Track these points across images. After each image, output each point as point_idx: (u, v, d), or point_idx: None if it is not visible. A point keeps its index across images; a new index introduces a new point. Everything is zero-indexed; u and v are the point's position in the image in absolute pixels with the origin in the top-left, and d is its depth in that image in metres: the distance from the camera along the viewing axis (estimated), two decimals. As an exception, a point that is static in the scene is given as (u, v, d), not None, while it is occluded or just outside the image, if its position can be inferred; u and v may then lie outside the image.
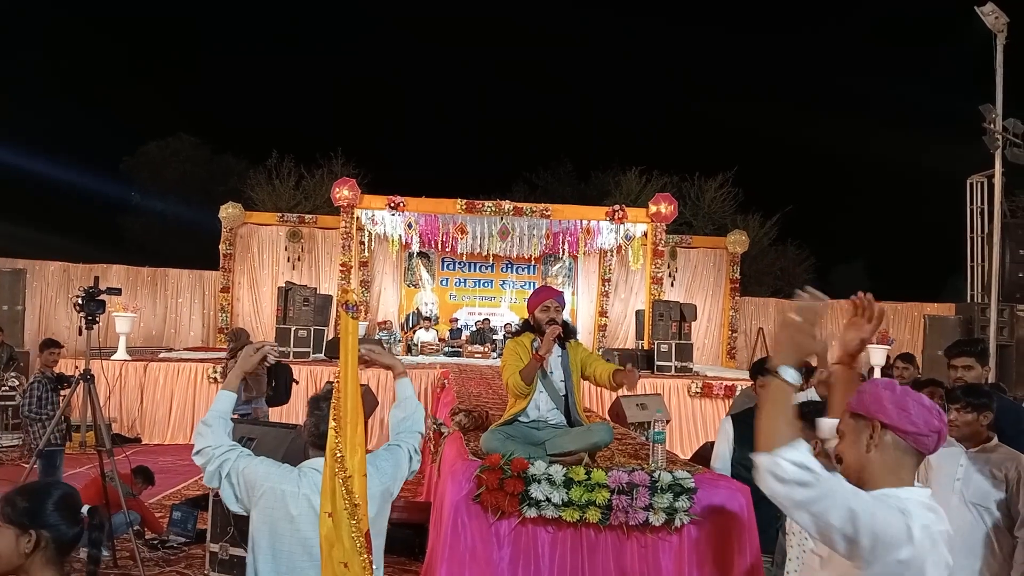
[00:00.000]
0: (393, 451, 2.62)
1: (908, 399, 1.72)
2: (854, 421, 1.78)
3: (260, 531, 2.36)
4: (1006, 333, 10.15)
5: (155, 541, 5.49)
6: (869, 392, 1.78)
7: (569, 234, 13.93)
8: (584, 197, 20.38)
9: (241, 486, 2.38)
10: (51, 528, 1.81)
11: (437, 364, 10.98)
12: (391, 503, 2.62)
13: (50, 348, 6.22)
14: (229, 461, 2.40)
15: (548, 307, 4.07)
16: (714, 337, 15.51)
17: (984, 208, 11.57)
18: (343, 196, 12.88)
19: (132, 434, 9.69)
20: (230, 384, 2.61)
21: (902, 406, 1.71)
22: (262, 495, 2.35)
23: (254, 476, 2.37)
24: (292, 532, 2.32)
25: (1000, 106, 9.11)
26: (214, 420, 2.48)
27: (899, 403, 1.72)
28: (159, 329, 14.53)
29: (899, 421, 1.70)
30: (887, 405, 1.72)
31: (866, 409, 1.75)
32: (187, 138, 24.67)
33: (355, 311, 2.27)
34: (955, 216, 12.27)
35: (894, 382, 1.78)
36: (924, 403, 1.73)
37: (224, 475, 2.39)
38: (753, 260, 18.73)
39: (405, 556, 5.15)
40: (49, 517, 1.82)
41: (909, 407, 1.71)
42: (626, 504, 3.41)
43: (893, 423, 1.71)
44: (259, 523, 2.37)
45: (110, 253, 18.71)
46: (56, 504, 1.84)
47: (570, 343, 4.11)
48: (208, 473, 2.41)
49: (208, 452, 2.42)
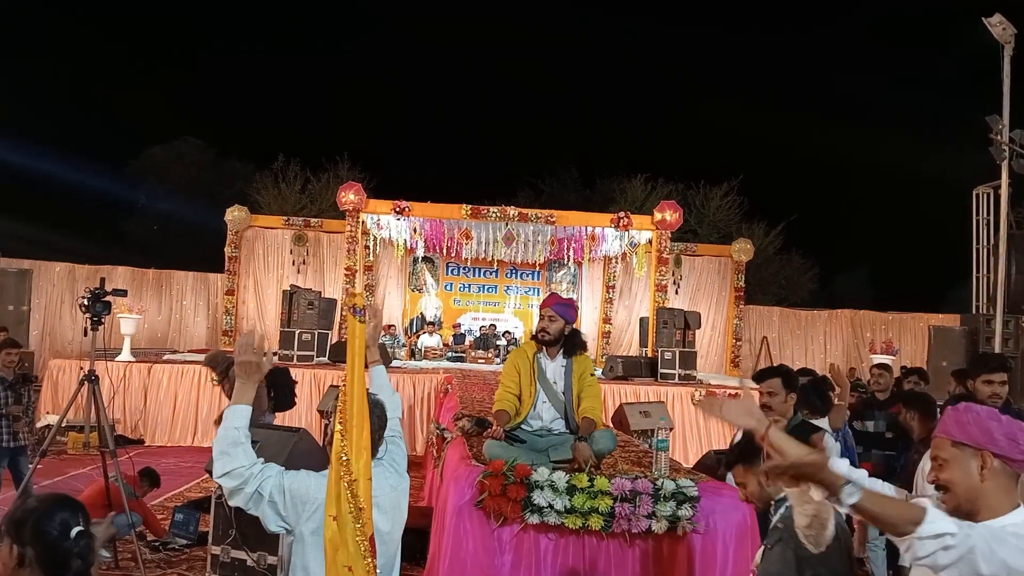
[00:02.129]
0: (399, 443, 2.62)
1: (1016, 430, 1.77)
2: (958, 450, 1.80)
3: (313, 547, 2.21)
4: (1012, 344, 10.13)
5: (157, 543, 5.49)
6: (975, 424, 1.80)
7: (574, 240, 13.93)
8: (589, 204, 20.41)
9: (288, 504, 2.22)
10: (33, 546, 1.79)
11: (440, 369, 10.98)
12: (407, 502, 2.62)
13: (7, 349, 5.87)
14: (270, 479, 2.22)
15: (543, 315, 4.04)
16: (718, 345, 15.49)
17: (990, 219, 11.56)
18: (349, 200, 12.90)
19: (135, 435, 9.70)
20: (243, 397, 2.34)
21: (1012, 437, 1.77)
22: (316, 510, 2.20)
23: (304, 490, 2.23)
24: None
25: (1007, 117, 9.10)
26: (234, 439, 2.24)
27: (1009, 434, 1.77)
28: (164, 331, 14.56)
29: (1010, 451, 1.76)
30: (997, 436, 1.77)
31: (974, 440, 1.78)
32: (193, 141, 24.78)
33: (362, 315, 2.27)
34: (960, 225, 12.26)
35: (996, 411, 1.82)
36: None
37: (267, 495, 2.20)
38: (758, 269, 18.71)
39: (406, 561, 5.12)
40: (27, 534, 1.79)
41: (1019, 438, 1.76)
42: (629, 512, 3.40)
43: (1005, 453, 1.76)
44: (311, 539, 2.22)
45: (115, 255, 18.78)
46: (39, 522, 1.80)
47: (577, 356, 4.06)
48: (244, 495, 2.21)
49: (241, 473, 2.20)
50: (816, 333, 15.82)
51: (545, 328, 3.97)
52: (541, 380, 3.98)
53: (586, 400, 3.95)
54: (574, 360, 4.03)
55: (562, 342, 4.04)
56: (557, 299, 4.17)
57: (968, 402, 1.93)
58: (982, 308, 11.69)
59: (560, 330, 4.00)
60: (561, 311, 4.04)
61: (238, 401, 2.33)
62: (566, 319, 4.04)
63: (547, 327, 3.97)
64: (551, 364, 4.01)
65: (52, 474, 7.43)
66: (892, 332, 15.31)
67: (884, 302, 17.32)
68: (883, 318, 15.71)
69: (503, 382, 4.05)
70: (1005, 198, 9.50)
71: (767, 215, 20.16)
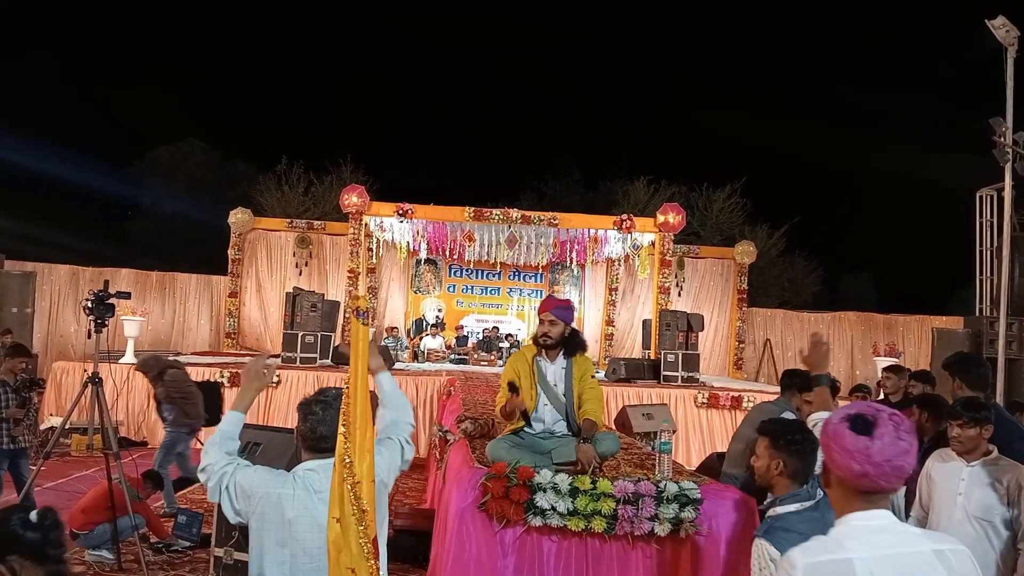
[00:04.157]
0: (386, 444, 2.61)
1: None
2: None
3: (258, 537, 2.38)
4: (1015, 347, 10.09)
5: (160, 545, 5.49)
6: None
7: (576, 243, 13.94)
8: (592, 206, 20.41)
9: (238, 496, 2.40)
10: (13, 550, 1.83)
11: (443, 371, 10.98)
12: (387, 495, 2.62)
13: (17, 357, 5.87)
14: (227, 474, 2.44)
15: (543, 320, 4.00)
16: (721, 348, 15.48)
17: (993, 221, 11.53)
18: (352, 203, 12.93)
19: (139, 438, 9.71)
20: (240, 404, 2.64)
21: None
22: (258, 501, 2.36)
23: (249, 484, 2.39)
24: (290, 536, 2.33)
25: (1010, 119, 9.08)
26: (218, 440, 2.53)
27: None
28: (167, 333, 14.60)
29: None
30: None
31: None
32: (197, 143, 24.85)
33: (366, 317, 2.28)
34: (963, 228, 12.23)
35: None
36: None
37: (223, 488, 2.42)
38: (761, 271, 18.70)
39: (409, 563, 5.13)
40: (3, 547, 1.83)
41: None
42: (632, 514, 3.40)
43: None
44: (257, 529, 2.38)
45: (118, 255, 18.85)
46: (2, 529, 1.85)
47: (577, 356, 4.04)
48: (210, 489, 2.46)
49: (209, 469, 2.47)
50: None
51: (547, 333, 3.95)
52: (542, 383, 3.97)
53: (587, 402, 3.94)
54: (574, 361, 4.01)
55: (562, 344, 4.03)
56: (556, 302, 4.14)
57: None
58: (985, 310, 11.65)
59: (561, 333, 3.98)
60: (560, 314, 4.01)
61: (235, 407, 2.64)
62: (566, 321, 4.02)
63: (548, 331, 3.96)
64: (551, 366, 3.99)
65: (55, 476, 7.44)
66: (896, 335, 15.29)
67: (888, 304, 17.30)
68: (887, 320, 15.68)
69: (503, 386, 4.04)
70: (1008, 200, 9.47)
71: (770, 217, 20.17)
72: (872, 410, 1.64)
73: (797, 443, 2.45)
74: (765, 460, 2.48)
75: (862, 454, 1.60)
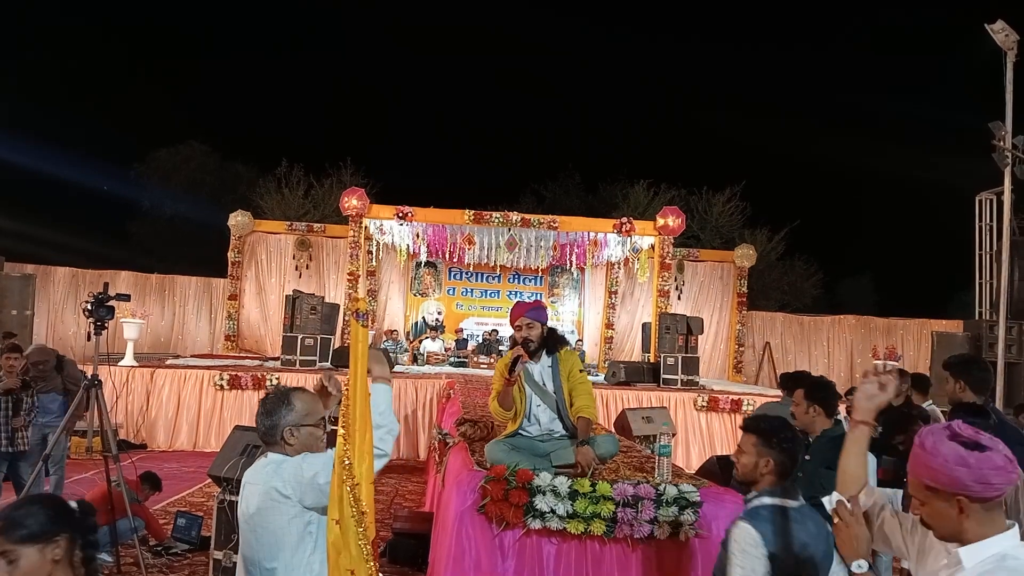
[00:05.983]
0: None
1: (986, 471, 1.63)
2: (932, 493, 1.69)
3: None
4: (1014, 351, 10.10)
5: (159, 547, 5.49)
6: (943, 471, 1.66)
7: (576, 246, 13.94)
8: (592, 209, 20.42)
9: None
10: (74, 528, 1.80)
11: (443, 374, 10.98)
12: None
13: (6, 353, 5.72)
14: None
15: (520, 326, 3.98)
16: (720, 351, 15.47)
17: (993, 225, 11.55)
18: (352, 206, 12.93)
19: (138, 440, 9.70)
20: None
21: (983, 480, 1.63)
22: (242, 489, 2.39)
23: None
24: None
25: (1010, 123, 9.09)
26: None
27: (980, 478, 1.63)
28: (167, 335, 14.60)
29: (984, 492, 1.63)
30: (968, 483, 1.63)
31: (945, 487, 1.66)
32: (197, 145, 24.85)
33: (365, 319, 2.28)
34: (963, 232, 12.25)
35: (962, 453, 1.64)
36: (998, 463, 1.63)
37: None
38: (760, 274, 18.70)
39: (408, 566, 5.13)
40: (67, 518, 1.81)
41: (990, 479, 1.63)
42: (631, 517, 3.40)
43: (979, 496, 1.63)
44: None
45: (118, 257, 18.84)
46: (59, 506, 1.83)
47: (561, 352, 4.02)
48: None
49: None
50: (819, 339, 15.81)
51: (527, 337, 3.94)
52: (530, 383, 3.96)
53: (579, 399, 3.92)
54: (559, 357, 4.00)
55: (543, 344, 4.03)
56: (526, 306, 4.10)
57: (929, 431, 1.71)
58: (985, 314, 11.66)
59: (540, 334, 3.98)
60: (535, 315, 4.01)
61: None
62: (541, 321, 4.02)
63: (529, 335, 3.94)
64: (536, 366, 3.98)
65: (55, 478, 7.42)
66: (895, 338, 15.30)
67: (887, 308, 17.34)
68: (886, 324, 15.69)
69: (494, 388, 4.04)
70: (1008, 204, 9.49)
71: (770, 221, 20.18)
72: (969, 431, 1.69)
73: (787, 442, 2.47)
74: (753, 457, 2.47)
75: (990, 465, 1.63)
